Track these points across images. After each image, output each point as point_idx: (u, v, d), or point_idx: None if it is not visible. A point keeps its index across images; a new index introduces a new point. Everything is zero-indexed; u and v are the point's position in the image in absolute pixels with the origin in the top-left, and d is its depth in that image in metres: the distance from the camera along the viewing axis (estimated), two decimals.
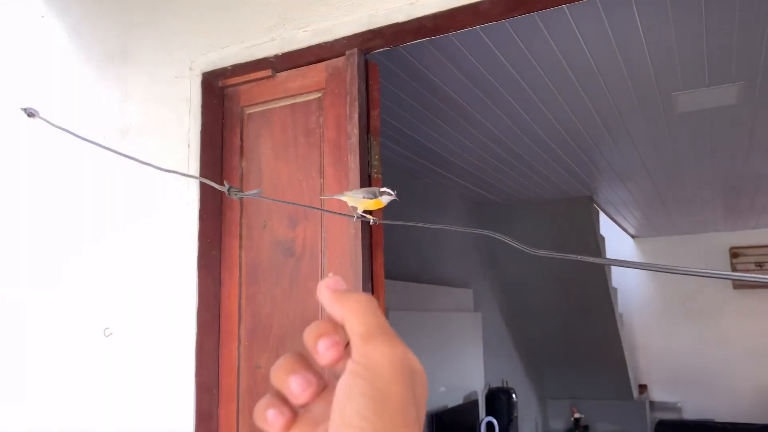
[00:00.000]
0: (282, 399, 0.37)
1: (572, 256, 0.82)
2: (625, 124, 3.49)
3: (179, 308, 1.79)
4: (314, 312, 1.67)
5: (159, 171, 1.65)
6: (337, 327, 0.37)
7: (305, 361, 0.37)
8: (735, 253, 6.64)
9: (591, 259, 0.60)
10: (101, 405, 1.87)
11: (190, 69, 1.94)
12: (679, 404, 6.78)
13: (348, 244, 1.64)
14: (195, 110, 1.90)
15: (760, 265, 6.50)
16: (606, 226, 6.29)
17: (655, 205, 5.81)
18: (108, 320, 1.91)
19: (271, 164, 1.82)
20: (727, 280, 6.74)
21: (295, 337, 1.69)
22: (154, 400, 1.79)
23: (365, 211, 1.55)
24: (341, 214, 1.56)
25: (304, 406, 0.37)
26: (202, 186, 1.83)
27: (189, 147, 1.88)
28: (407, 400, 0.34)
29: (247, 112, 1.91)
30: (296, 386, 0.36)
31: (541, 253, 0.87)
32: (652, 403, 6.74)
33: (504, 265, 5.77)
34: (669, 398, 6.84)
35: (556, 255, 0.87)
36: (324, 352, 0.36)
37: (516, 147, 3.87)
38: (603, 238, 6.03)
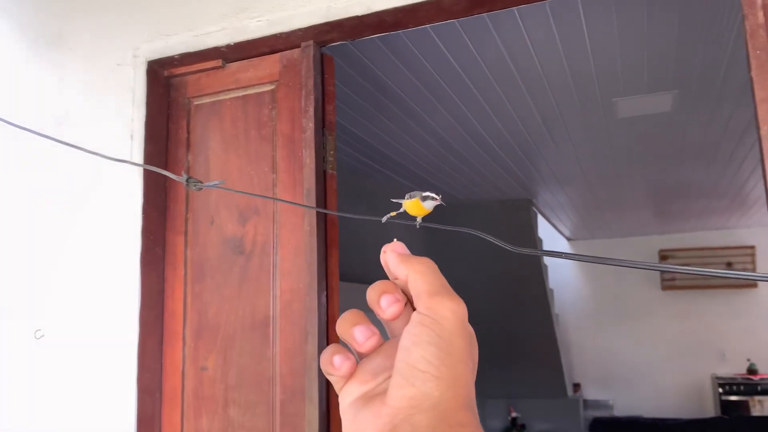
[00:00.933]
0: (345, 348, 0.40)
1: (555, 253, 0.81)
2: (567, 128, 3.58)
3: (120, 307, 1.70)
4: (265, 310, 1.61)
5: (98, 162, 1.56)
6: (397, 287, 0.40)
7: (366, 317, 0.41)
8: (664, 256, 6.94)
9: (572, 256, 0.59)
10: (33, 411, 1.75)
11: (134, 56, 1.84)
12: (611, 402, 7.02)
13: (302, 241, 1.59)
14: (139, 100, 1.80)
15: None
16: (543, 228, 6.44)
17: (590, 208, 5.99)
18: (40, 321, 1.79)
19: (220, 158, 1.76)
20: (656, 283, 7.03)
21: (244, 337, 1.63)
22: (93, 404, 1.69)
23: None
24: (306, 206, 1.52)
25: (364, 356, 0.40)
26: (146, 178, 1.74)
27: (132, 138, 1.78)
28: (467, 353, 0.37)
29: (195, 103, 1.83)
30: (360, 335, 0.39)
31: (524, 251, 0.85)
32: (585, 401, 6.96)
33: (448, 266, 5.80)
34: (601, 396, 7.07)
35: (539, 253, 0.85)
36: (386, 307, 0.39)
37: (460, 148, 3.90)
38: (541, 240, 6.18)
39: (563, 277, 7.30)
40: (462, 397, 0.35)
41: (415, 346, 0.36)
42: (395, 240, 0.43)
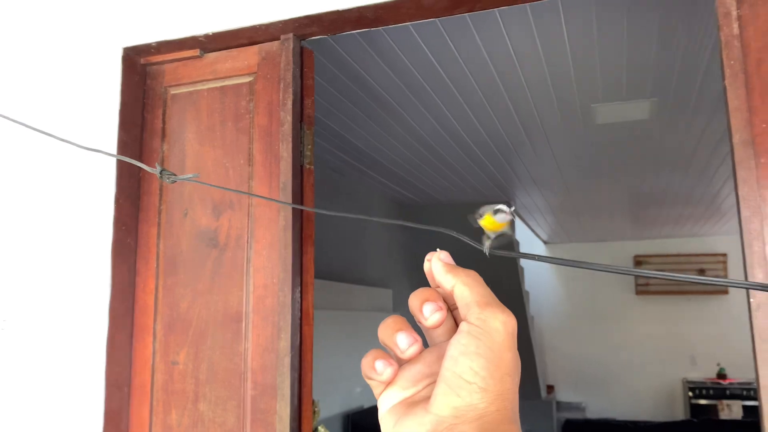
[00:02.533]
0: (386, 353, 0.40)
1: (530, 255, 0.80)
2: (546, 132, 3.60)
3: (90, 298, 1.66)
4: (238, 305, 1.59)
5: (71, 150, 1.52)
6: (440, 295, 0.40)
7: (408, 323, 0.41)
8: (638, 261, 7.03)
9: (547, 259, 0.59)
10: None
11: (110, 43, 1.81)
12: (584, 404, 7.09)
13: (277, 236, 1.58)
14: (113, 88, 1.77)
15: None
16: (520, 231, 6.48)
17: (568, 213, 6.05)
18: (3, 310, 1.75)
19: (195, 149, 1.73)
20: (631, 288, 7.12)
21: (216, 332, 1.60)
22: (59, 397, 1.65)
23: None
24: (283, 202, 1.50)
25: (404, 362, 0.40)
26: (119, 168, 1.71)
27: (105, 127, 1.75)
28: (514, 367, 0.37)
29: (172, 92, 1.80)
30: (404, 342, 0.39)
31: (499, 253, 0.84)
32: (558, 403, 7.01)
33: (423, 266, 5.81)
34: (574, 398, 7.14)
35: (514, 255, 0.85)
36: (429, 315, 0.39)
37: (440, 148, 3.90)
38: (518, 243, 6.21)
39: (539, 280, 7.35)
40: (507, 410, 0.35)
41: (463, 356, 0.36)
42: (438, 249, 0.43)
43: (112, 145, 1.73)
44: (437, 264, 0.42)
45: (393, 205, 5.48)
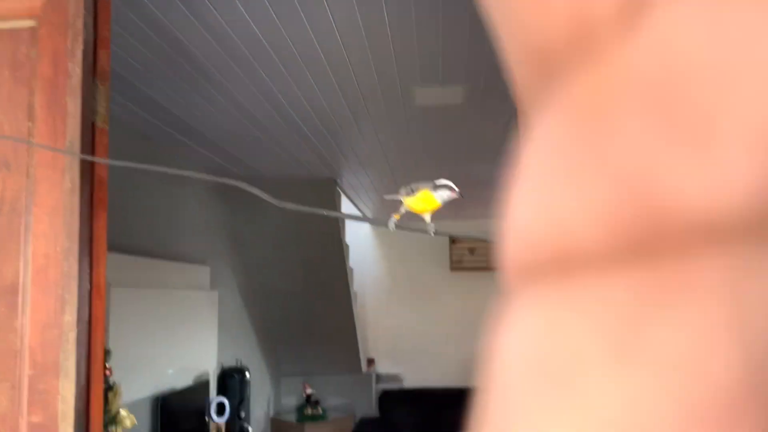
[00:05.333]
0: None
1: (318, 210, 0.79)
2: (369, 111, 3.67)
3: None
4: (13, 277, 1.42)
5: None
6: None
7: None
8: (453, 240, 7.49)
9: (333, 214, 0.58)
10: None
11: None
12: (401, 375, 7.45)
13: (61, 200, 1.43)
14: None
15: (471, 251, 7.43)
16: (346, 209, 6.59)
17: (391, 192, 6.25)
18: None
19: None
20: (446, 265, 7.57)
21: None
22: None
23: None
24: (68, 153, 1.35)
25: None
26: None
27: None
28: None
29: None
30: None
31: (288, 206, 0.83)
32: (378, 375, 7.30)
33: (246, 243, 5.70)
34: (393, 370, 7.47)
35: (303, 209, 0.84)
36: None
37: (263, 121, 3.82)
38: (343, 220, 6.31)
39: (363, 257, 7.56)
40: None
41: None
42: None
43: None
44: None
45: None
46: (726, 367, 0.13)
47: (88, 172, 1.46)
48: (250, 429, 5.10)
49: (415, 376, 7.42)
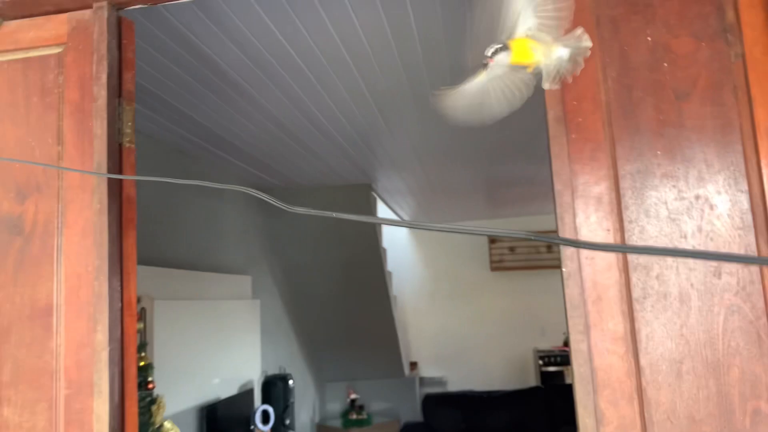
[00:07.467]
0: None
1: (328, 213, 0.78)
2: (400, 115, 3.66)
3: None
4: (47, 298, 1.45)
5: None
6: None
7: None
8: (492, 239, 7.41)
9: (343, 216, 0.56)
10: None
11: None
12: (444, 378, 7.40)
13: (91, 221, 1.45)
14: None
15: (512, 250, 7.33)
16: (383, 213, 6.59)
17: (426, 194, 6.22)
18: None
19: None
20: (486, 265, 7.48)
21: (22, 328, 1.45)
22: None
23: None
24: (95, 173, 1.37)
25: None
26: None
27: None
28: None
29: None
30: None
31: (299, 210, 0.82)
32: (421, 379, 7.26)
33: (284, 251, 5.75)
34: (435, 373, 7.43)
35: (312, 213, 0.82)
36: None
37: (296, 130, 3.84)
38: (380, 225, 6.31)
39: (401, 260, 7.54)
40: None
41: None
42: None
43: None
44: None
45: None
46: None
47: (116, 191, 1.48)
48: None
49: (459, 379, 7.36)
